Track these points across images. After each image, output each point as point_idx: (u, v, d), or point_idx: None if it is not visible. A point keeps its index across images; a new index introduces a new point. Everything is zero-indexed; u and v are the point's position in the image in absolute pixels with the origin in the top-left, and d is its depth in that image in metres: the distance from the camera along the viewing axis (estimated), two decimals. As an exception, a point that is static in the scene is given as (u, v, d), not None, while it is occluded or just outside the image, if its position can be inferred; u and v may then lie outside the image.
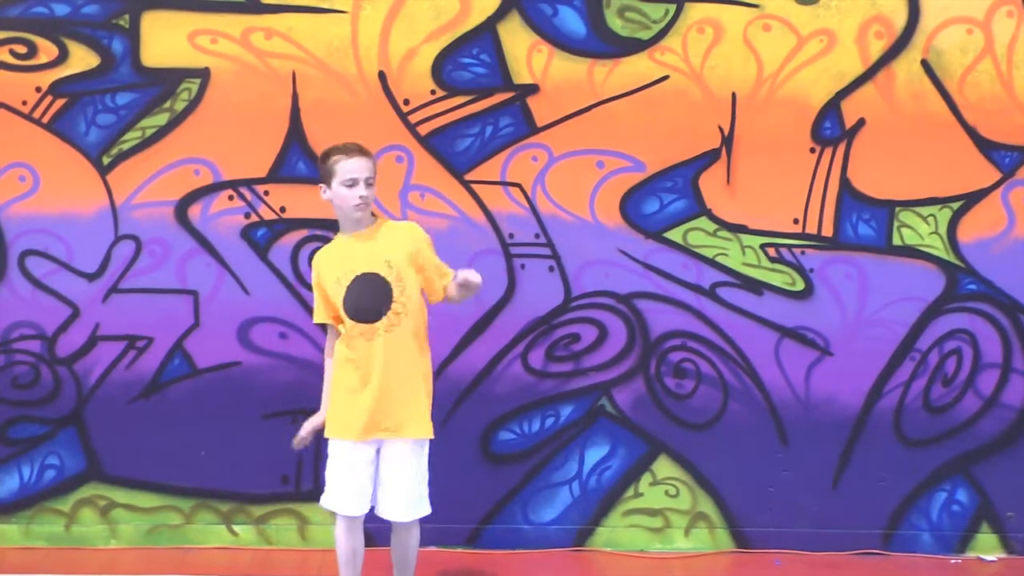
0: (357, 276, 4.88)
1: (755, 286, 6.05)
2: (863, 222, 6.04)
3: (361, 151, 4.91)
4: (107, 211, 5.87)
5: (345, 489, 4.95)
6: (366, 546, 5.94)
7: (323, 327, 5.13)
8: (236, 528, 6.05)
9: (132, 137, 5.85)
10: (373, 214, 4.99)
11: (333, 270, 4.93)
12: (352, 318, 4.88)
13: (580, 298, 6.03)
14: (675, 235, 6.00)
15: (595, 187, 5.96)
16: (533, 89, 5.93)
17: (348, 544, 5.04)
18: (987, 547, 6.20)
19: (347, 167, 4.85)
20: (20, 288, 5.89)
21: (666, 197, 5.99)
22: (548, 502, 6.12)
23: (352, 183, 4.85)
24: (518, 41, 5.90)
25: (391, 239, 4.94)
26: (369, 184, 4.87)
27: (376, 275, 4.87)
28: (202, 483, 6.01)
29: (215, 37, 5.83)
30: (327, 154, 4.93)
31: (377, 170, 4.97)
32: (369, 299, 4.87)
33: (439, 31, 5.87)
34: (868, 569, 6.01)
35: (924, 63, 5.98)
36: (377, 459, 4.96)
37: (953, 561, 6.15)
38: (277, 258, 5.93)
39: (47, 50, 5.81)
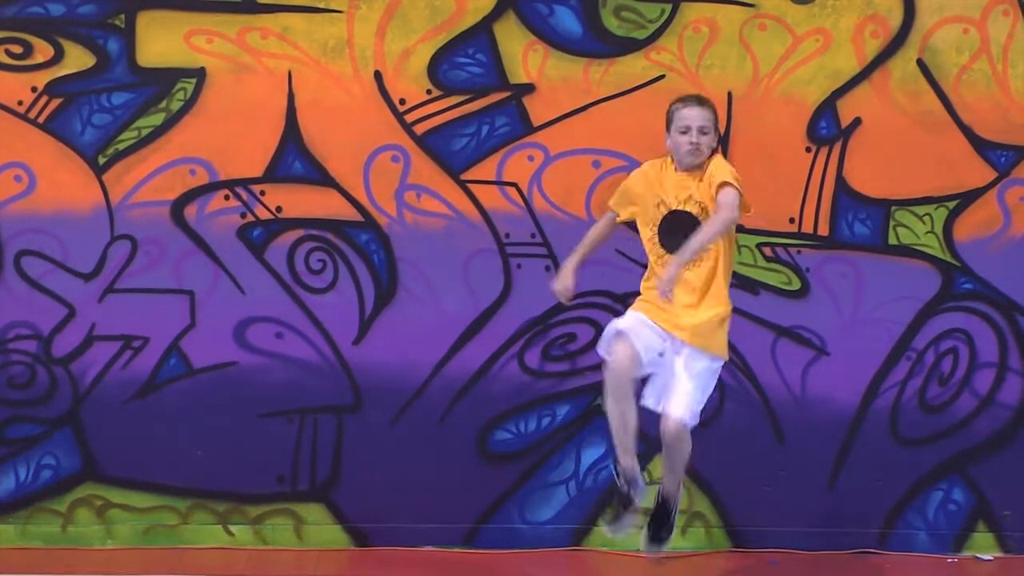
0: (672, 211, 5.02)
1: (751, 285, 6.05)
2: (859, 221, 6.04)
3: (700, 102, 5.07)
4: (103, 211, 5.87)
5: None
6: (361, 546, 5.98)
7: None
8: (232, 528, 6.04)
9: (128, 137, 5.84)
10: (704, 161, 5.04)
11: (656, 192, 5.08)
12: (663, 247, 5.05)
13: (576, 298, 6.00)
14: (671, 235, 6.00)
15: (591, 186, 5.96)
16: (529, 89, 5.93)
17: None
18: (983, 546, 6.20)
19: (682, 115, 5.01)
20: (16, 288, 5.87)
21: (662, 197, 5.98)
22: (545, 502, 6.11)
23: (685, 130, 4.99)
24: (514, 41, 5.89)
25: (706, 180, 5.01)
26: (704, 132, 4.98)
27: (687, 214, 4.99)
28: (198, 483, 6.00)
29: (211, 37, 5.82)
30: (671, 104, 5.10)
31: (717, 121, 5.05)
32: (679, 236, 4.97)
33: (435, 31, 5.87)
34: (864, 568, 6.01)
35: (920, 62, 5.98)
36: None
37: (949, 560, 6.15)
38: (273, 258, 5.93)
39: (43, 50, 5.80)
